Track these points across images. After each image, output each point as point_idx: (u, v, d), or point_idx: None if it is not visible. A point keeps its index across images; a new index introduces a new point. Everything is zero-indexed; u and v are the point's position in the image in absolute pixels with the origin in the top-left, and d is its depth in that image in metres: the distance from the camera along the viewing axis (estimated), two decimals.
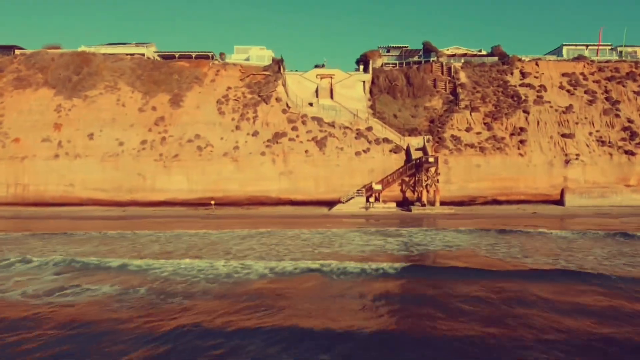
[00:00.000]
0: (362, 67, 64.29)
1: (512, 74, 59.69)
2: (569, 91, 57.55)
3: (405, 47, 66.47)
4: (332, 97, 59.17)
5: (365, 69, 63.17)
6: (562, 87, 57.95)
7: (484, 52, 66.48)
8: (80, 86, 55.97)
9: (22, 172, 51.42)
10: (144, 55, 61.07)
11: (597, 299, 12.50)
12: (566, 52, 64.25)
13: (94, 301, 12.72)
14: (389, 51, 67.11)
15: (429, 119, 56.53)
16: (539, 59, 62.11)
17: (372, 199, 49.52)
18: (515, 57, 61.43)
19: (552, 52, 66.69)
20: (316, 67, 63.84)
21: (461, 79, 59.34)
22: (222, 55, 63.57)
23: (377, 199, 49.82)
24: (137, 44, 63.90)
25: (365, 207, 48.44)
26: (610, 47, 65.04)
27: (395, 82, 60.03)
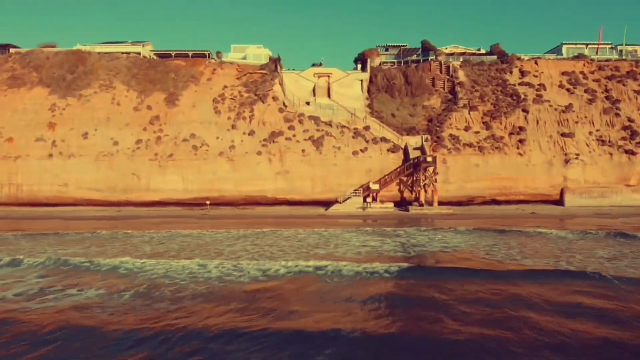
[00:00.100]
0: (360, 66, 63.84)
1: (511, 72, 59.23)
2: (568, 90, 57.10)
3: (403, 45, 66.04)
4: (329, 96, 58.65)
5: (363, 67, 62.71)
6: (561, 86, 57.52)
7: (483, 51, 66.07)
8: (74, 85, 55.37)
9: (16, 172, 50.78)
10: (139, 54, 60.55)
11: (597, 301, 12.30)
12: (566, 50, 63.91)
13: (76, 305, 12.21)
14: (387, 50, 66.71)
15: (427, 118, 56.03)
16: (539, 57, 61.69)
17: (369, 199, 48.99)
18: (514, 55, 60.99)
19: (552, 51, 66.29)
20: (313, 65, 63.37)
21: (460, 77, 58.87)
22: (218, 54, 63.11)
23: (375, 199, 49.30)
24: (133, 42, 63.44)
25: (362, 207, 47.91)
26: (610, 46, 64.60)
27: (393, 81, 59.54)
